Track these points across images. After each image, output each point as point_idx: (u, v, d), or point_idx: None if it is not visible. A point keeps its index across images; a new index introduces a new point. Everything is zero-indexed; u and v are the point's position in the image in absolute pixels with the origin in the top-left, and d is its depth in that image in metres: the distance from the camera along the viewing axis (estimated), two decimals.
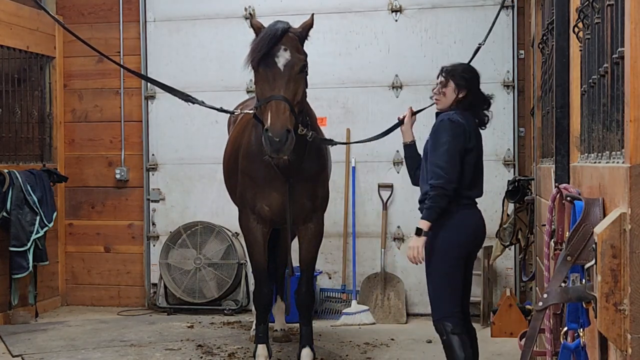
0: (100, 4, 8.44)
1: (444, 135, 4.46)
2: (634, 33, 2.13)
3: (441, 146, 4.44)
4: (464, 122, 4.52)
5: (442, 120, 4.53)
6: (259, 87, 5.11)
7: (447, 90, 4.63)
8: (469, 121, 4.58)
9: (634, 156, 2.11)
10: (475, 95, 4.68)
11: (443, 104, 4.66)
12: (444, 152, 4.42)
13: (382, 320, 7.56)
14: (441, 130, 4.48)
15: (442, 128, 4.48)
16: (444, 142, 4.44)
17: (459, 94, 4.61)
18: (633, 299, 2.12)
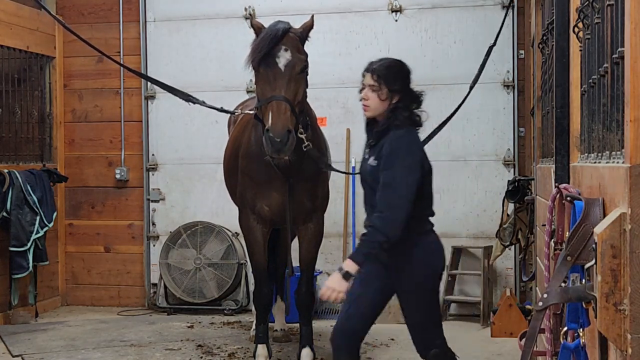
0: (100, 4, 8.44)
1: (406, 158, 3.89)
2: (634, 33, 2.13)
3: (400, 171, 3.86)
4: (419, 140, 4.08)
5: (400, 137, 3.94)
6: (259, 87, 5.11)
7: (380, 95, 4.00)
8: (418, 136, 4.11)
9: (634, 156, 2.11)
10: (409, 97, 4.07)
11: (373, 111, 4.04)
12: (404, 179, 3.85)
13: (382, 321, 7.52)
14: (396, 161, 3.87)
15: (396, 157, 3.88)
16: (406, 166, 3.87)
17: (393, 99, 4.02)
18: (633, 299, 2.12)
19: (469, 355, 6.26)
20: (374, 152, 4.00)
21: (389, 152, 3.90)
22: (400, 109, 4.00)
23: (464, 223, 7.79)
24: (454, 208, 7.80)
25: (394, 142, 3.92)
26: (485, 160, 7.77)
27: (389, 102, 4.01)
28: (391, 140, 3.93)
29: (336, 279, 3.88)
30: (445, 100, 7.80)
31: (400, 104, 4.01)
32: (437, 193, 7.64)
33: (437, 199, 7.71)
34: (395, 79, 4.04)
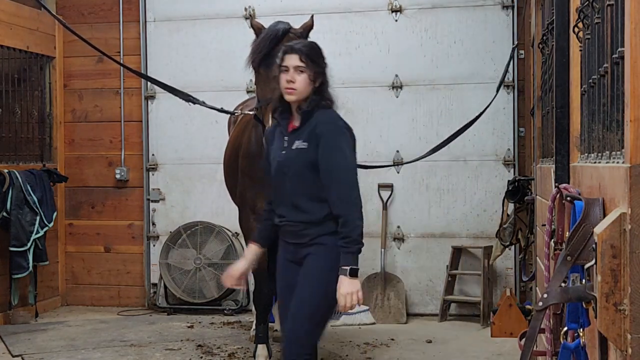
0: (100, 4, 8.44)
1: (344, 146, 3.78)
2: (634, 33, 2.13)
3: (344, 159, 3.76)
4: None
5: (332, 122, 3.83)
6: (259, 87, 5.11)
7: (305, 77, 3.81)
8: None
9: (634, 156, 2.11)
10: (327, 80, 3.93)
11: (299, 95, 3.82)
12: (351, 168, 3.77)
13: (382, 320, 7.56)
14: (338, 138, 3.78)
15: (339, 134, 3.80)
16: (348, 155, 3.78)
17: (316, 82, 3.85)
18: (633, 299, 2.12)
19: (469, 355, 6.27)
20: (300, 136, 3.78)
21: (327, 131, 3.75)
22: (323, 90, 3.88)
23: (464, 223, 7.79)
24: (453, 208, 7.80)
25: (330, 122, 3.80)
26: (485, 160, 7.77)
27: (313, 84, 3.84)
28: (326, 121, 3.80)
29: (347, 283, 3.64)
30: (445, 100, 7.82)
31: (323, 86, 3.88)
32: (437, 193, 7.81)
33: (437, 199, 7.86)
34: (319, 59, 3.90)
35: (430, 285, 7.85)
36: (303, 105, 3.83)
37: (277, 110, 3.97)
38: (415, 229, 7.90)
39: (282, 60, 3.86)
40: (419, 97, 7.87)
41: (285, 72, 3.83)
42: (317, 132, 3.76)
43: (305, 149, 3.76)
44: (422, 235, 7.89)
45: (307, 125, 3.80)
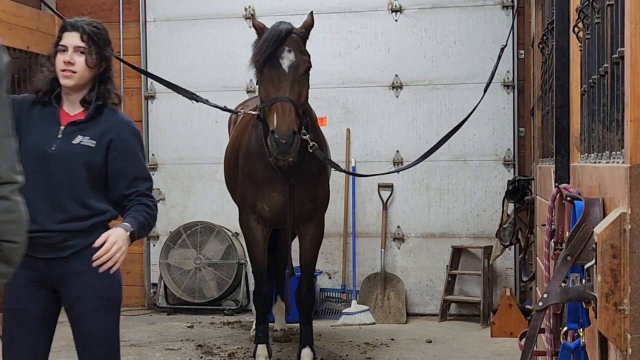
0: (100, 4, 8.44)
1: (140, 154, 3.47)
2: (634, 33, 2.13)
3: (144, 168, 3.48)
4: None
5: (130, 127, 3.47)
6: (263, 88, 5.11)
7: (88, 60, 3.35)
8: None
9: (634, 156, 2.11)
10: (111, 67, 3.50)
11: (78, 79, 3.36)
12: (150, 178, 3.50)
13: (382, 320, 7.56)
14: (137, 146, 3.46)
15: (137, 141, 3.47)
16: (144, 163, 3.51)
17: (100, 68, 3.41)
18: (633, 299, 2.12)
19: (469, 355, 6.27)
20: (85, 131, 3.35)
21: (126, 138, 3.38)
22: (109, 81, 3.46)
23: (464, 223, 7.79)
24: (453, 208, 7.80)
25: (128, 127, 3.44)
26: (485, 160, 7.77)
27: (96, 70, 3.39)
28: (123, 125, 3.43)
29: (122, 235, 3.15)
30: (445, 100, 7.82)
31: (107, 75, 3.46)
32: (437, 193, 7.81)
33: (437, 199, 7.86)
34: (105, 43, 3.44)
35: (430, 285, 7.85)
36: (88, 97, 3.40)
37: (45, 92, 3.42)
38: (415, 229, 7.90)
39: (60, 38, 3.39)
40: (418, 97, 7.87)
41: (63, 52, 3.35)
42: (113, 136, 3.36)
43: (92, 148, 3.32)
44: (422, 235, 7.89)
45: (96, 123, 3.37)
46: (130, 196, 3.35)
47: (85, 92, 3.41)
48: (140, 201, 3.35)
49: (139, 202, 3.34)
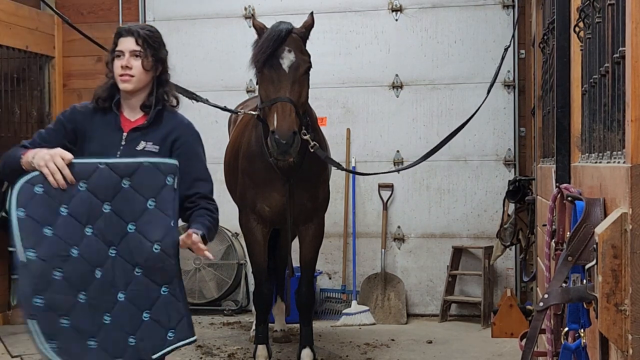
0: (99, 4, 8.43)
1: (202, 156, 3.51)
2: (635, 32, 2.12)
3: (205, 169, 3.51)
4: None
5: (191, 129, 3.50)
6: (263, 88, 5.11)
7: (145, 64, 3.39)
8: None
9: (635, 156, 2.10)
10: (167, 68, 3.56)
11: (136, 83, 3.39)
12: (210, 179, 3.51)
13: (382, 321, 7.55)
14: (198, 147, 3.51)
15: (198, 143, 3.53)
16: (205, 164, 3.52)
17: (157, 70, 3.47)
18: (634, 300, 2.12)
19: (470, 356, 6.26)
20: (148, 137, 3.37)
21: (188, 141, 3.42)
22: (167, 83, 3.50)
23: (465, 223, 7.79)
24: (454, 208, 7.80)
25: (189, 129, 3.47)
26: (485, 160, 7.76)
27: (153, 73, 3.44)
28: (184, 128, 3.45)
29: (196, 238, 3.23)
30: (445, 100, 7.81)
31: (164, 77, 3.51)
32: (437, 193, 7.80)
33: (437, 199, 7.86)
34: (160, 45, 3.52)
35: (430, 286, 7.84)
36: (148, 101, 3.42)
37: (105, 99, 3.43)
38: (415, 229, 7.89)
39: (116, 44, 3.42)
40: (419, 97, 7.86)
41: (119, 58, 3.39)
42: (175, 139, 3.39)
43: (155, 153, 3.32)
44: (423, 236, 7.88)
45: (158, 127, 3.40)
46: (192, 198, 3.36)
47: (144, 96, 3.42)
48: (202, 205, 3.36)
49: (201, 207, 3.36)
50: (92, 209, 3.05)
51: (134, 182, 3.05)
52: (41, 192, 3.02)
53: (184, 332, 3.16)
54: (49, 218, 3.03)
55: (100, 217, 3.05)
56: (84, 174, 3.05)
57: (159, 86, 3.45)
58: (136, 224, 3.07)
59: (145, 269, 3.09)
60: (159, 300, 3.12)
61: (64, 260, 3.04)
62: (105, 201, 3.05)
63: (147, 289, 3.11)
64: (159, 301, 3.12)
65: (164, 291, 3.13)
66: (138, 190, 3.06)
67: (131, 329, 3.09)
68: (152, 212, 3.06)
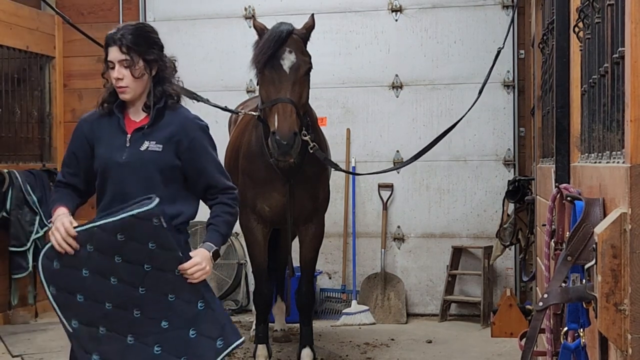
0: (100, 4, 8.43)
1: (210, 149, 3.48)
2: (634, 33, 2.13)
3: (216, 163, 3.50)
4: None
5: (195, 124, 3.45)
6: (263, 89, 5.11)
7: (134, 72, 3.33)
8: None
9: (634, 156, 2.11)
10: (165, 64, 3.50)
11: (134, 91, 3.36)
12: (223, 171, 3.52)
13: (382, 321, 7.55)
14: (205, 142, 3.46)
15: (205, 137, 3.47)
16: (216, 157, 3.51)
17: (152, 71, 3.42)
18: (633, 299, 2.12)
19: (469, 356, 6.27)
20: (150, 136, 3.36)
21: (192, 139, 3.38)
22: (165, 80, 3.44)
23: (464, 223, 7.79)
24: (454, 208, 7.80)
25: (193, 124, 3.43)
26: (485, 160, 7.77)
27: (147, 75, 3.39)
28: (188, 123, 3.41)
29: (206, 256, 3.24)
30: (445, 100, 7.82)
31: (162, 75, 3.45)
32: (437, 193, 7.81)
33: (437, 199, 7.86)
34: (149, 46, 3.43)
35: (430, 285, 7.85)
36: (148, 101, 3.40)
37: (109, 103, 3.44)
38: (415, 229, 7.90)
39: (107, 54, 3.36)
40: (419, 97, 7.87)
41: (112, 69, 3.35)
42: (180, 138, 3.37)
43: (159, 152, 3.34)
44: (422, 235, 7.88)
45: (161, 126, 3.38)
46: (210, 191, 3.41)
47: (145, 97, 3.42)
48: (219, 200, 3.40)
49: (219, 202, 3.40)
50: (107, 264, 3.18)
51: (126, 235, 3.14)
52: (59, 266, 3.20)
53: (231, 337, 3.26)
54: (77, 286, 3.20)
55: (117, 268, 3.18)
56: (87, 236, 3.19)
57: (157, 85, 3.42)
58: (150, 264, 3.18)
59: (175, 293, 3.21)
60: (199, 316, 3.22)
61: (103, 317, 3.19)
62: (115, 255, 3.17)
63: (185, 310, 3.21)
64: (199, 317, 3.22)
65: (201, 306, 3.23)
66: (134, 239, 3.16)
67: (182, 350, 3.21)
68: (156, 252, 3.17)
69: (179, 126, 3.40)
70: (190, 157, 3.38)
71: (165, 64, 3.48)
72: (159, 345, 3.19)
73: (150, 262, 3.18)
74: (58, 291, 3.22)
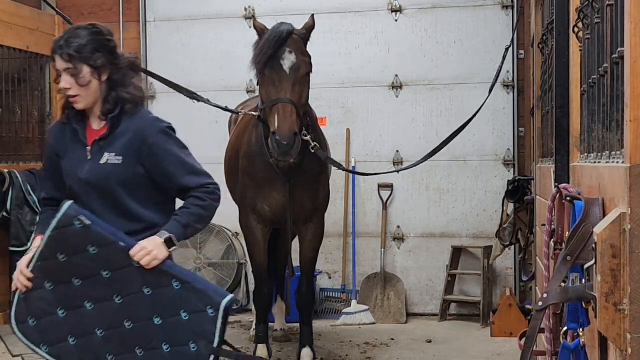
0: (100, 4, 8.44)
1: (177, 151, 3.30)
2: (634, 33, 2.13)
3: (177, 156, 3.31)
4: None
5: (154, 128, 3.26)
6: (264, 89, 5.12)
7: (79, 80, 3.16)
8: None
9: (634, 156, 2.11)
10: (118, 67, 3.25)
11: (85, 100, 3.20)
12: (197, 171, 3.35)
13: (382, 320, 7.56)
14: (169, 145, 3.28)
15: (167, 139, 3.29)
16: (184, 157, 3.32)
17: (102, 76, 3.21)
18: (633, 299, 2.12)
19: (469, 355, 6.27)
20: (109, 147, 3.21)
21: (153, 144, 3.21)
22: (118, 85, 3.23)
23: (464, 223, 7.79)
24: (454, 208, 7.80)
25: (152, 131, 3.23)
26: (485, 160, 7.77)
27: (97, 81, 3.20)
28: (147, 131, 3.23)
29: (156, 242, 3.14)
30: (445, 100, 7.82)
31: (115, 79, 3.23)
32: (437, 193, 7.81)
33: (437, 199, 7.86)
34: (93, 51, 3.17)
35: (430, 285, 7.85)
36: (103, 109, 3.23)
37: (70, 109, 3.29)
38: (415, 229, 7.90)
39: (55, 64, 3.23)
40: (419, 97, 7.87)
41: (60, 78, 3.21)
42: (140, 146, 3.21)
43: (119, 165, 3.20)
44: (422, 235, 7.89)
45: (119, 135, 3.22)
46: (184, 193, 3.29)
47: (100, 104, 3.25)
48: (191, 195, 3.26)
49: (190, 197, 3.26)
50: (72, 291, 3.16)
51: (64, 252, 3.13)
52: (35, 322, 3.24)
53: (217, 299, 3.15)
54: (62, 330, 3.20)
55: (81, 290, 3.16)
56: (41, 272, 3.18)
57: (111, 90, 3.21)
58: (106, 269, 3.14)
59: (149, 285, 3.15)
60: (181, 295, 3.15)
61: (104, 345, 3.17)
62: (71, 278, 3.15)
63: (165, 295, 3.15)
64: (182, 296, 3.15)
65: (177, 286, 3.16)
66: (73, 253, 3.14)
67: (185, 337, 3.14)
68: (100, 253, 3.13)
69: (137, 133, 3.22)
70: (154, 163, 3.23)
71: (117, 67, 3.24)
72: (165, 344, 3.15)
73: (104, 267, 3.11)
74: (50, 346, 3.18)
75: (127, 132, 3.23)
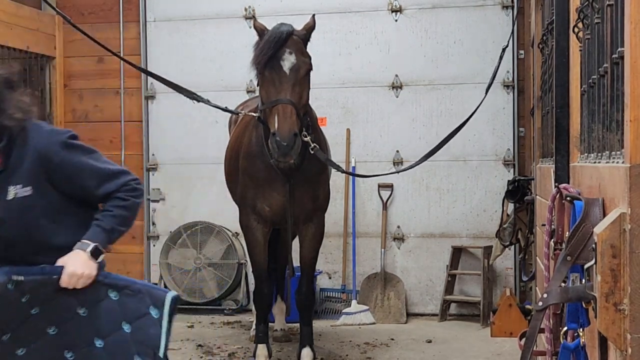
0: (100, 4, 8.44)
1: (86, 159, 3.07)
2: (634, 33, 2.13)
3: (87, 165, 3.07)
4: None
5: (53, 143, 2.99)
6: (264, 90, 5.12)
7: None
8: None
9: (634, 156, 2.11)
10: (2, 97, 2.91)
11: None
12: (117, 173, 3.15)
13: (382, 320, 7.56)
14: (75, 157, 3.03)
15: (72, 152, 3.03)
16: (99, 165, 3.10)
17: None
18: (633, 299, 2.12)
19: (469, 355, 6.27)
20: (12, 179, 2.93)
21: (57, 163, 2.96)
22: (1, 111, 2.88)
23: (464, 223, 7.79)
24: (453, 208, 7.81)
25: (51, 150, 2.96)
26: (485, 160, 7.77)
27: None
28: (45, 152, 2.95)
29: (80, 259, 2.98)
30: (445, 100, 7.82)
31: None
32: (437, 193, 7.81)
33: (437, 199, 7.87)
34: None
35: (430, 285, 7.85)
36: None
37: None
38: (415, 229, 7.90)
39: None
40: (418, 97, 7.87)
41: None
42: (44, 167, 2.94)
43: (31, 196, 2.94)
44: (422, 235, 7.89)
45: (16, 164, 2.93)
46: (105, 201, 3.11)
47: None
48: (113, 196, 3.08)
49: (110, 199, 3.08)
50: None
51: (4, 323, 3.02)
52: None
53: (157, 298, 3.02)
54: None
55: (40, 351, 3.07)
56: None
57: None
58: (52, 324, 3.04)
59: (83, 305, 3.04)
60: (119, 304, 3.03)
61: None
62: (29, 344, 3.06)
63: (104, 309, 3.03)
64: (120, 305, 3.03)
65: (114, 296, 3.05)
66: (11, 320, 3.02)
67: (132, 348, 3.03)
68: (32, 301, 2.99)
69: (38, 155, 2.94)
70: (67, 182, 3.01)
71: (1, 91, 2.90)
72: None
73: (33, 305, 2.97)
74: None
75: (26, 156, 2.94)
